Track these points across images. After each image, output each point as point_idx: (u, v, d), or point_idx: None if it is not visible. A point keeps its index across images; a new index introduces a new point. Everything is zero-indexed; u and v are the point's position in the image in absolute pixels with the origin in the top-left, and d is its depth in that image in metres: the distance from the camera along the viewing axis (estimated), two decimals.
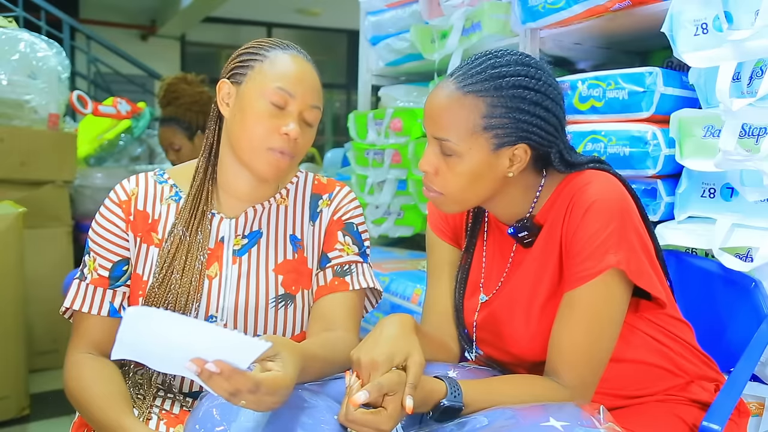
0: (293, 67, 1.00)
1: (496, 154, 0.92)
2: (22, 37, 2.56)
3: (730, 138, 1.13)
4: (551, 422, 0.74)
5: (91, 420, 0.95)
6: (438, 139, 0.93)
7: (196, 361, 0.71)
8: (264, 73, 0.99)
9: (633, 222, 0.91)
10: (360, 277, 1.08)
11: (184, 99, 2.44)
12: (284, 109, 0.98)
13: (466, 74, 0.92)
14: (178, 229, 1.02)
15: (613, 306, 0.91)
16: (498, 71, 0.91)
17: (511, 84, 0.90)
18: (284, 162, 0.99)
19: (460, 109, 0.91)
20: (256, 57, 1.01)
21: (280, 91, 0.97)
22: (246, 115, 0.98)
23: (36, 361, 2.50)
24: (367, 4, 2.30)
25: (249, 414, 0.79)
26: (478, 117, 0.90)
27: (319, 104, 1.02)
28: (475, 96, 0.90)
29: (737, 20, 1.14)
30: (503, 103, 0.90)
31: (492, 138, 0.91)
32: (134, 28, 7.76)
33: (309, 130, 1.02)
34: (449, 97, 0.92)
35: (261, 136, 0.97)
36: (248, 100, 0.98)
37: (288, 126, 0.97)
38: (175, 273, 1.00)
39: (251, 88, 0.99)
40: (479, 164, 0.92)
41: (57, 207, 2.70)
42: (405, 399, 0.78)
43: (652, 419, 0.96)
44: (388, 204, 2.20)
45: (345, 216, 1.10)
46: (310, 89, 1.00)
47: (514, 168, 0.94)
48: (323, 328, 1.02)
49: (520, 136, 0.92)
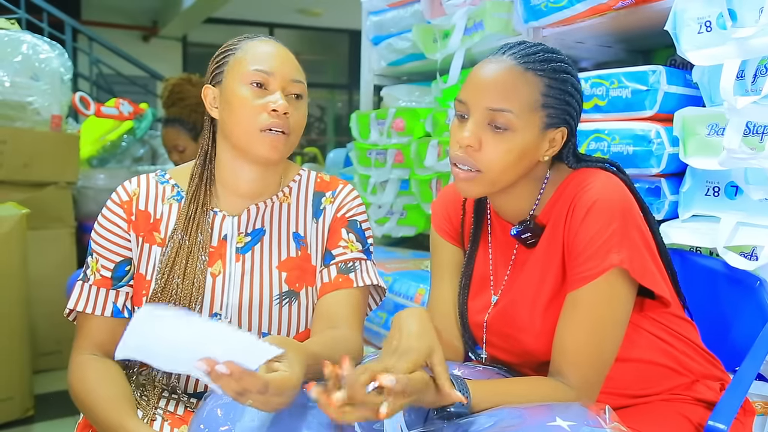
0: (265, 48, 1.03)
1: (543, 134, 0.94)
2: (24, 38, 2.57)
3: (734, 136, 1.12)
4: (558, 422, 0.74)
5: (95, 422, 0.95)
6: (494, 111, 0.91)
7: (207, 361, 0.70)
8: (239, 62, 1.02)
9: (635, 221, 0.91)
10: (364, 274, 1.08)
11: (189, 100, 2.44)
12: (267, 89, 1.00)
13: (523, 53, 0.94)
14: (178, 234, 1.03)
15: (617, 306, 0.91)
16: (552, 56, 0.95)
17: (562, 69, 0.94)
18: (280, 140, 1.00)
19: (524, 83, 0.92)
20: (228, 53, 1.04)
21: (257, 73, 0.99)
22: (232, 105, 1.00)
23: (40, 362, 2.50)
24: (368, 4, 2.30)
25: (253, 414, 0.79)
26: (538, 94, 0.92)
27: (300, 78, 1.04)
28: (535, 74, 0.92)
29: (741, 18, 1.13)
30: (558, 85, 0.93)
31: (545, 117, 0.93)
32: (136, 29, 7.77)
33: (299, 104, 1.03)
34: (510, 70, 0.92)
35: (250, 118, 0.98)
36: (231, 91, 1.01)
37: (275, 102, 0.98)
38: (177, 278, 1.01)
39: (231, 79, 1.01)
40: (529, 142, 0.93)
41: (60, 208, 2.70)
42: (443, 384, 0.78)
43: (658, 418, 0.96)
44: (390, 204, 2.19)
45: (348, 213, 1.10)
46: (287, 65, 1.02)
47: (549, 152, 0.96)
48: (327, 326, 1.02)
49: (565, 119, 0.95)
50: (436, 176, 1.96)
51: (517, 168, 0.94)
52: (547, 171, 1.00)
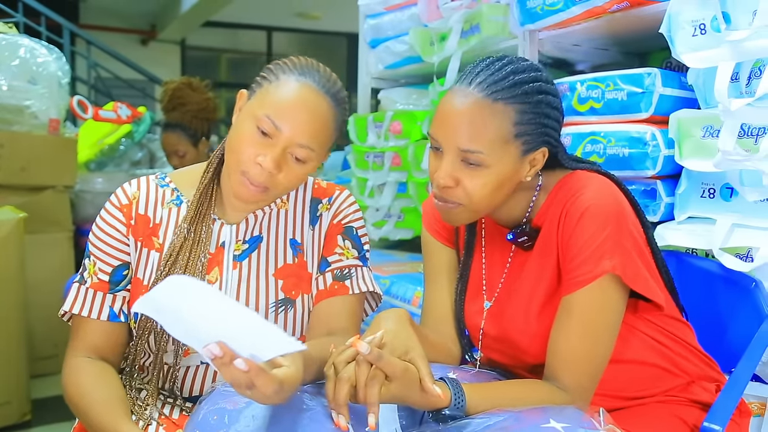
0: (292, 100, 0.94)
1: (522, 160, 0.92)
2: (22, 42, 2.57)
3: (729, 138, 1.12)
4: (552, 424, 0.74)
5: (89, 425, 0.95)
6: (464, 151, 0.89)
7: (222, 347, 0.69)
8: (264, 95, 0.95)
9: (628, 226, 0.91)
10: (360, 280, 1.08)
11: (191, 106, 2.44)
12: (271, 139, 0.93)
13: (490, 81, 0.89)
14: (184, 227, 1.02)
15: (609, 311, 0.91)
16: (523, 77, 0.90)
17: (535, 89, 0.90)
18: (253, 192, 0.95)
19: (492, 118, 0.88)
20: (270, 75, 0.98)
21: (267, 120, 0.93)
22: (235, 132, 0.97)
23: (37, 367, 2.50)
24: (366, 7, 2.30)
25: (249, 418, 0.79)
26: (510, 125, 0.89)
27: (311, 144, 0.94)
28: (504, 103, 0.88)
29: (735, 20, 1.14)
30: (531, 109, 0.90)
31: (522, 145, 0.91)
32: (134, 32, 7.78)
33: (296, 166, 0.96)
34: (478, 104, 0.88)
35: (238, 158, 0.95)
36: (243, 118, 0.97)
37: (264, 157, 0.92)
38: (178, 270, 1.00)
39: (250, 106, 0.96)
40: (507, 171, 0.91)
41: (58, 212, 2.70)
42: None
43: (653, 420, 0.96)
44: (388, 207, 2.20)
45: (345, 220, 1.10)
46: (303, 127, 0.93)
47: (531, 172, 0.94)
48: (323, 332, 1.02)
49: (544, 140, 0.93)
50: None
51: (497, 195, 0.93)
52: (538, 179, 0.99)
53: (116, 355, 1.04)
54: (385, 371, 0.76)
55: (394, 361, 0.76)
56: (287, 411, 0.79)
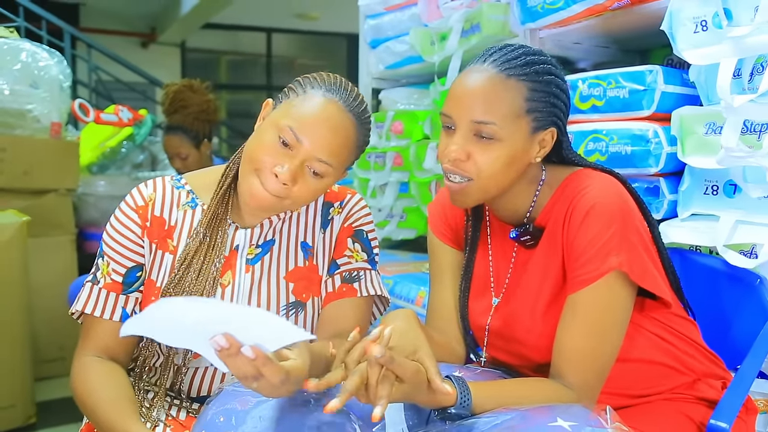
0: (316, 114, 0.94)
1: (532, 138, 0.94)
2: (23, 46, 2.57)
3: (731, 135, 1.12)
4: (559, 422, 0.74)
5: (97, 423, 0.95)
6: (477, 123, 0.92)
7: (228, 338, 0.69)
8: (289, 107, 0.96)
9: (634, 223, 0.91)
10: (368, 284, 1.08)
11: (192, 108, 2.44)
12: (291, 150, 0.94)
13: (504, 59, 0.93)
14: (200, 231, 1.02)
15: (616, 308, 0.91)
16: (535, 58, 0.94)
17: (545, 71, 0.94)
18: (267, 199, 0.95)
19: (505, 92, 0.91)
20: (297, 88, 0.99)
21: (289, 131, 0.93)
22: (256, 140, 0.97)
23: (42, 370, 2.50)
24: (366, 7, 2.30)
25: (256, 419, 0.79)
26: (522, 100, 0.92)
27: (329, 160, 0.95)
28: (517, 79, 0.92)
29: (737, 17, 1.14)
30: (542, 87, 0.93)
31: (532, 121, 0.93)
32: (134, 35, 7.79)
33: (312, 180, 0.96)
34: (492, 79, 0.92)
35: (255, 165, 0.95)
36: (265, 127, 0.97)
37: (281, 168, 0.93)
38: (192, 273, 1.00)
39: (274, 115, 0.97)
40: (517, 148, 0.93)
41: (60, 215, 2.70)
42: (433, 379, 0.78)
43: (660, 418, 0.96)
44: (390, 207, 2.20)
45: (355, 223, 1.10)
46: (324, 141, 0.94)
47: (540, 153, 0.96)
48: (331, 334, 1.02)
49: (552, 120, 0.95)
50: (435, 178, 1.96)
51: (508, 173, 0.94)
52: (541, 172, 1.00)
53: (126, 356, 1.04)
54: (397, 373, 0.76)
55: (406, 363, 0.76)
56: (294, 412, 0.79)
